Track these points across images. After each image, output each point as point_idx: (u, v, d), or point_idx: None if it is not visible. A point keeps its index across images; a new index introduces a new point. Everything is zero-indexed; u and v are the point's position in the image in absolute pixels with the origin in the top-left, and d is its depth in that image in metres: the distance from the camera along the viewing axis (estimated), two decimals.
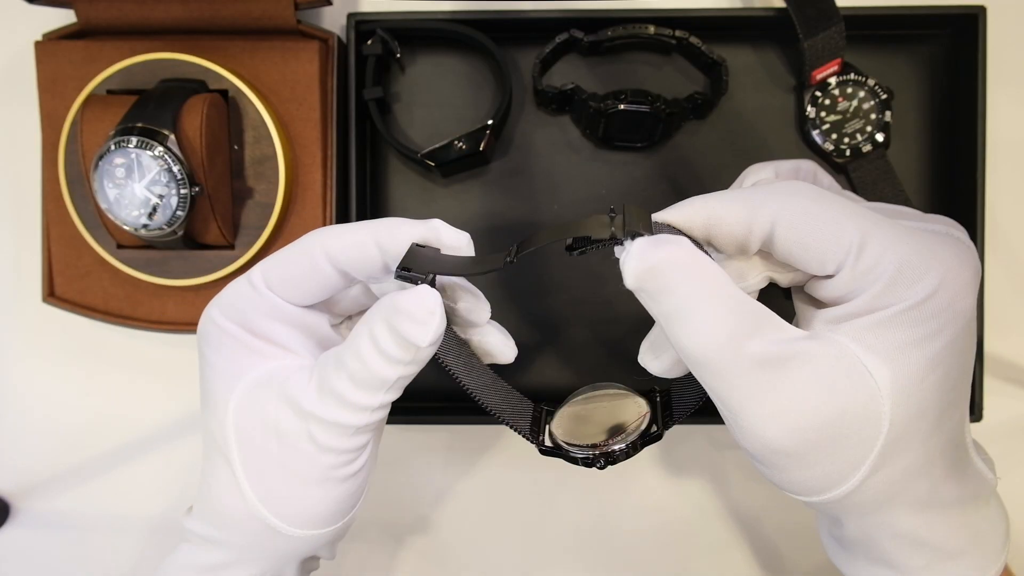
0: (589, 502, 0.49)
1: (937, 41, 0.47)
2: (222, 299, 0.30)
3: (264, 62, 0.45)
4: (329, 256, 0.29)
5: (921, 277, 0.25)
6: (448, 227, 0.30)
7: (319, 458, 0.29)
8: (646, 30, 0.44)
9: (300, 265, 0.30)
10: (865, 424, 0.25)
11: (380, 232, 0.29)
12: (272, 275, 0.30)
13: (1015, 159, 0.48)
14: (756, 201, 0.26)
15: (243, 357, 0.30)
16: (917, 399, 0.25)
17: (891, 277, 0.25)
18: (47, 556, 0.50)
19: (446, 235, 0.29)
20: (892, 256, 0.25)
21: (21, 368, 0.50)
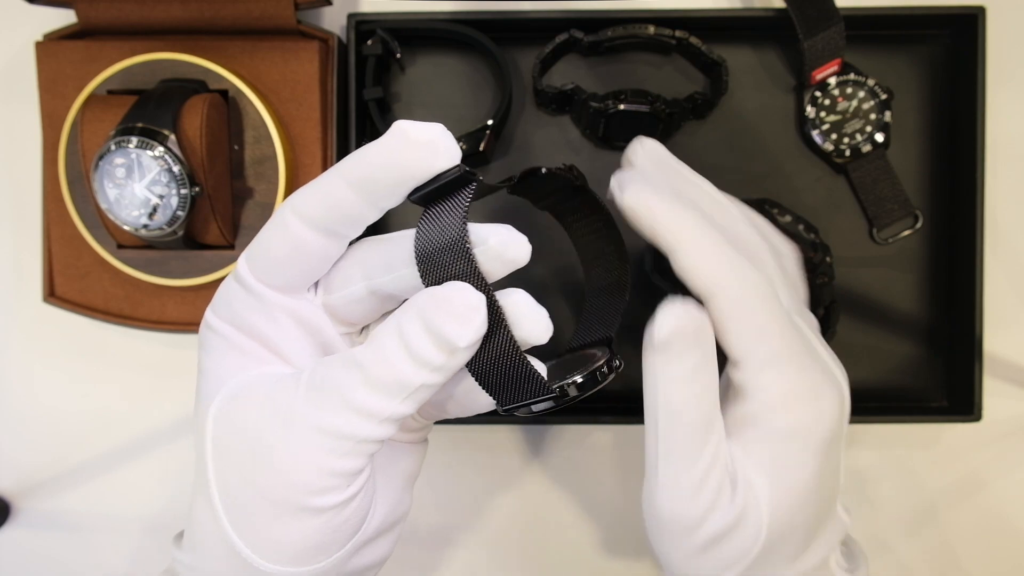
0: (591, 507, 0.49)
1: (937, 41, 0.47)
2: (216, 299, 0.28)
3: (264, 62, 0.45)
4: (302, 216, 0.25)
5: (802, 406, 0.29)
6: (414, 124, 0.26)
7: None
8: (646, 30, 0.44)
9: (279, 240, 0.26)
10: (744, 532, 0.29)
11: (344, 168, 0.25)
12: (256, 262, 0.27)
13: (1015, 159, 0.48)
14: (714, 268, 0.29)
15: (231, 359, 0.26)
16: (792, 511, 0.29)
17: (777, 399, 0.29)
18: (47, 556, 0.50)
19: (414, 133, 0.26)
20: (783, 380, 0.29)
21: (21, 368, 0.50)
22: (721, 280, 0.29)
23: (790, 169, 0.47)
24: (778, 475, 0.29)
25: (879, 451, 0.49)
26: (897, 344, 0.48)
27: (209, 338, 0.27)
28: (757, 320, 0.29)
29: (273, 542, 0.25)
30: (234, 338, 0.27)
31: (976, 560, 0.49)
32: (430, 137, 0.26)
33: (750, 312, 0.29)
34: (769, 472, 0.29)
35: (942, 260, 0.47)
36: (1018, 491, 0.49)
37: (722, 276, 0.29)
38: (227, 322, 0.27)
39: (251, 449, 0.24)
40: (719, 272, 0.29)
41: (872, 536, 0.49)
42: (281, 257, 0.26)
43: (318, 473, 0.24)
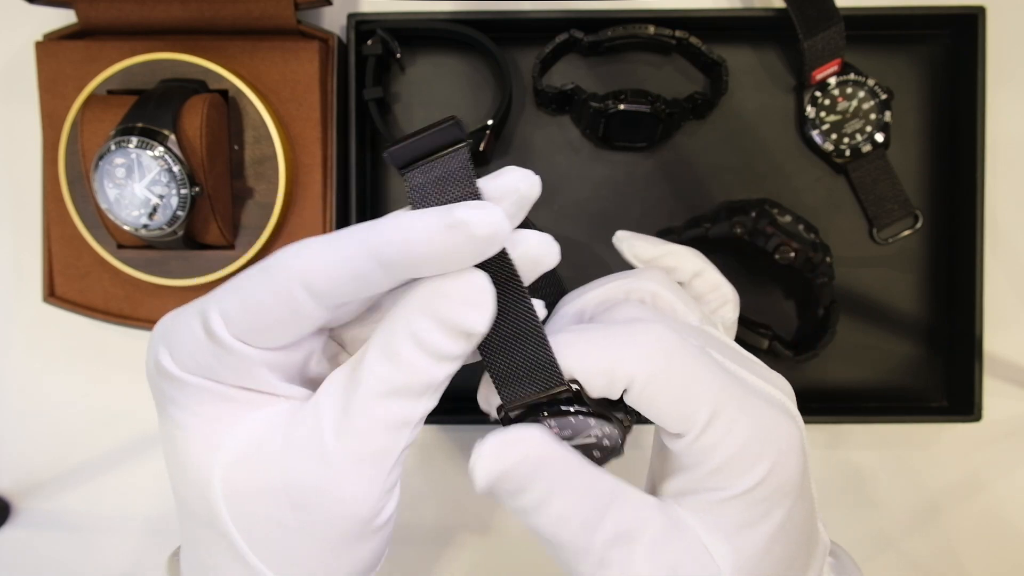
0: None
1: (937, 41, 0.47)
2: (171, 343, 0.24)
3: (264, 62, 0.45)
4: (310, 289, 0.22)
5: (753, 465, 0.26)
6: (478, 214, 0.22)
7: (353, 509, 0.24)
8: (646, 30, 0.44)
9: (272, 306, 0.23)
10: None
11: (377, 246, 0.22)
12: (237, 322, 0.23)
13: (1015, 159, 0.48)
14: (619, 351, 0.25)
15: (217, 411, 0.24)
16: (764, 569, 0.26)
17: (725, 460, 0.25)
18: (47, 556, 0.50)
19: (480, 228, 0.22)
20: (732, 440, 0.25)
21: (21, 368, 0.50)
22: (619, 368, 0.25)
23: (790, 169, 0.47)
24: (743, 538, 0.26)
25: (879, 451, 0.49)
26: (897, 344, 0.48)
27: (177, 392, 0.24)
28: (682, 384, 0.25)
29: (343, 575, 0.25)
30: (212, 388, 0.24)
31: (976, 560, 0.49)
32: (495, 231, 0.22)
33: (670, 385, 0.25)
34: (731, 537, 0.26)
35: (942, 260, 0.47)
36: (1018, 491, 0.49)
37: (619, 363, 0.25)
38: (196, 373, 0.24)
39: (292, 503, 0.23)
40: (623, 361, 0.25)
41: (872, 536, 0.49)
42: (273, 324, 0.23)
43: (376, 497, 0.24)
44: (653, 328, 0.25)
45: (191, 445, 0.24)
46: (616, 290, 0.30)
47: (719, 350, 0.28)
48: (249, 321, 0.23)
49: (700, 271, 0.35)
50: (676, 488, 0.27)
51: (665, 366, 0.25)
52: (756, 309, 0.48)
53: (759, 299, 0.48)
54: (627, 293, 0.30)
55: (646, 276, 0.31)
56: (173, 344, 0.24)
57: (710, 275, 0.35)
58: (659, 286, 0.30)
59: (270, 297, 0.23)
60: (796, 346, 0.46)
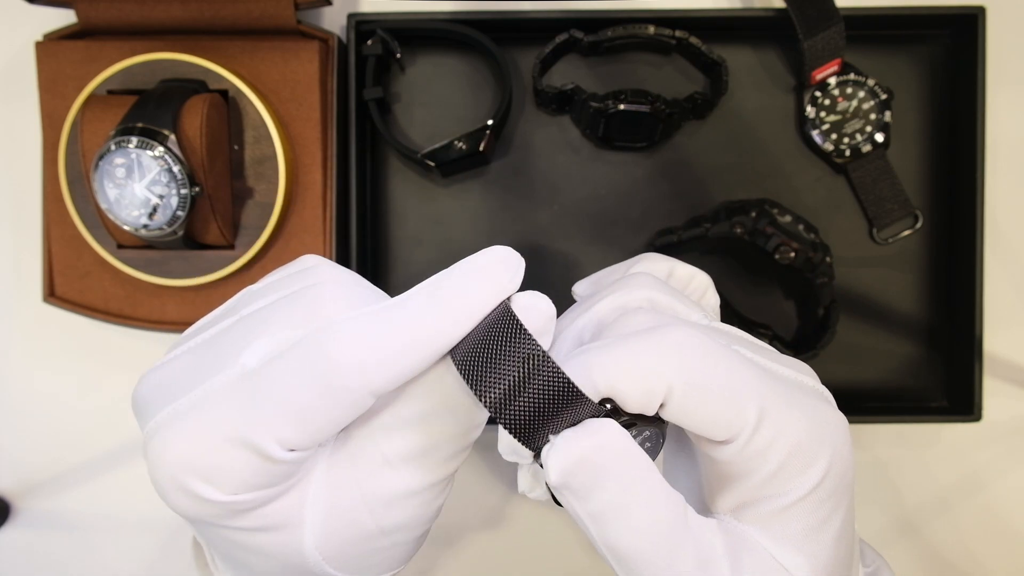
0: None
1: (937, 41, 0.47)
2: (214, 477, 0.21)
3: (264, 62, 0.45)
4: (379, 394, 0.22)
5: (812, 461, 0.24)
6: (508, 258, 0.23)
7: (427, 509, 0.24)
8: (646, 30, 0.44)
9: (334, 415, 0.21)
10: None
11: (440, 342, 0.22)
12: (298, 442, 0.22)
13: (1015, 159, 0.48)
14: (656, 359, 0.23)
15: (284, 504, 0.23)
16: (836, 571, 0.25)
17: (783, 461, 0.23)
18: (47, 556, 0.50)
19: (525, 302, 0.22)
20: (785, 440, 0.23)
21: (21, 368, 0.50)
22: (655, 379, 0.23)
23: (790, 169, 0.47)
24: (814, 543, 0.24)
25: (879, 451, 0.49)
26: (897, 344, 0.48)
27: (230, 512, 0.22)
28: (724, 387, 0.23)
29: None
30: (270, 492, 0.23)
31: (976, 560, 0.49)
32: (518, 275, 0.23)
33: (711, 389, 0.23)
34: (802, 545, 0.24)
35: (942, 260, 0.47)
36: (1018, 491, 0.49)
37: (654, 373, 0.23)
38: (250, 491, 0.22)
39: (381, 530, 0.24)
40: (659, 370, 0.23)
41: (872, 536, 0.49)
42: (333, 425, 0.22)
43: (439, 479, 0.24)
44: (679, 331, 0.24)
45: (273, 538, 0.23)
46: (610, 307, 0.28)
47: (742, 345, 0.26)
48: (313, 437, 0.22)
49: (670, 270, 0.33)
50: (732, 502, 0.25)
51: (702, 369, 0.23)
52: (756, 309, 0.48)
53: (759, 299, 0.48)
54: (623, 307, 0.28)
55: (635, 283, 0.29)
56: (216, 477, 0.21)
57: (680, 269, 0.33)
58: (652, 290, 0.28)
59: (331, 407, 0.21)
60: (796, 346, 0.46)
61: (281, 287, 0.24)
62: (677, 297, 0.29)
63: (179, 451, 0.21)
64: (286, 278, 0.25)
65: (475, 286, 0.22)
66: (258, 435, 0.21)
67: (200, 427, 0.21)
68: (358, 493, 0.23)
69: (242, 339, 0.22)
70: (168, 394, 0.22)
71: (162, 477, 0.21)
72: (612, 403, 0.23)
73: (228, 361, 0.22)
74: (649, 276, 0.29)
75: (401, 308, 0.22)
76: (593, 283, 0.33)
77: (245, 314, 0.23)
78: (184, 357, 0.23)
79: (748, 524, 0.24)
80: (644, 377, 0.23)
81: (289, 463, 0.22)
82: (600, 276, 0.33)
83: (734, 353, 0.24)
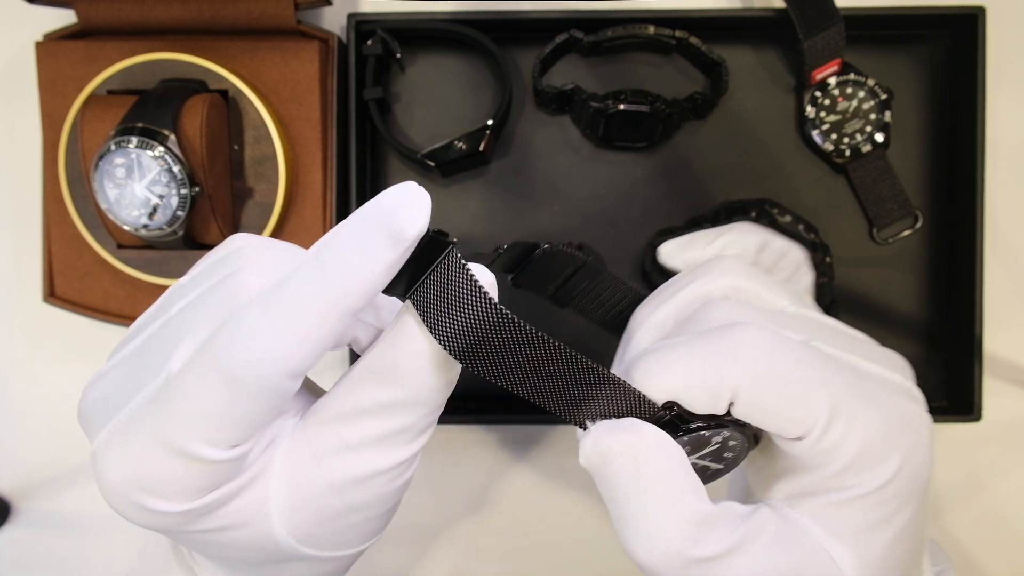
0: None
1: (937, 41, 0.47)
2: (155, 487, 0.21)
3: (264, 62, 0.45)
4: (295, 373, 0.21)
5: (883, 459, 0.23)
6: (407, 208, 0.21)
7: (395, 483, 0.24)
8: (646, 30, 0.44)
9: (255, 408, 0.21)
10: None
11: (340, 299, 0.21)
12: (223, 437, 0.21)
13: (1015, 159, 0.48)
14: (718, 362, 0.23)
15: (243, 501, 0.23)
16: (887, 572, 0.24)
17: (853, 458, 0.23)
18: (47, 556, 0.50)
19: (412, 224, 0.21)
20: (857, 436, 0.23)
21: (21, 368, 0.50)
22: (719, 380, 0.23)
23: (790, 169, 0.47)
24: (867, 539, 0.24)
25: None
26: (897, 344, 0.48)
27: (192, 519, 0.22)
28: (795, 383, 0.23)
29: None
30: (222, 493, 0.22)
31: (976, 560, 0.49)
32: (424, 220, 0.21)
33: (779, 385, 0.23)
34: (854, 539, 0.24)
35: (942, 260, 0.47)
36: (1018, 491, 0.49)
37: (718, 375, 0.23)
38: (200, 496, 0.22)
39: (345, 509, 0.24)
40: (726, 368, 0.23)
41: None
42: (263, 415, 0.22)
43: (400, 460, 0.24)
44: (747, 332, 0.23)
45: (241, 533, 0.23)
46: (692, 296, 0.28)
47: (826, 337, 0.26)
48: (241, 432, 0.21)
49: (762, 243, 0.32)
50: (791, 490, 0.25)
51: (768, 370, 0.23)
52: None
53: None
54: (706, 296, 0.28)
55: (720, 270, 0.28)
56: (162, 489, 0.21)
57: (774, 243, 0.32)
58: (737, 277, 0.28)
59: (259, 406, 0.21)
60: None
61: (205, 278, 0.24)
62: (763, 282, 0.28)
63: (121, 471, 0.21)
64: (209, 268, 0.24)
65: (356, 244, 0.21)
66: (184, 441, 0.21)
67: (134, 443, 0.21)
68: (321, 480, 0.23)
69: (167, 345, 0.22)
70: (105, 410, 0.23)
71: (113, 498, 0.22)
72: (677, 406, 0.23)
73: (155, 370, 0.22)
74: (734, 260, 0.28)
75: (295, 285, 0.21)
76: (681, 247, 0.33)
77: (172, 314, 0.23)
78: (119, 367, 0.23)
79: (803, 513, 0.24)
80: (706, 383, 0.23)
81: (229, 460, 0.22)
82: (687, 242, 0.33)
83: (808, 350, 0.24)
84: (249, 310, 0.21)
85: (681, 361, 0.23)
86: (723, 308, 0.26)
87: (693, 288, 0.28)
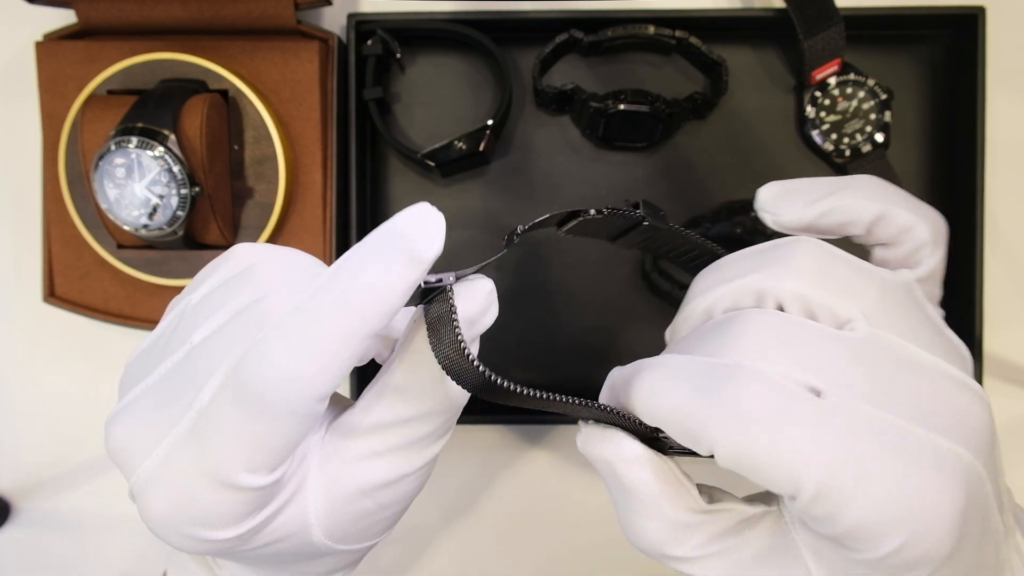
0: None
1: (937, 41, 0.47)
2: (205, 519, 0.22)
3: (264, 62, 0.45)
4: (323, 397, 0.22)
5: (883, 536, 0.21)
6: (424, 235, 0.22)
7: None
8: (646, 30, 0.44)
9: (287, 431, 0.21)
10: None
11: (363, 322, 0.21)
12: (262, 462, 0.22)
13: (1015, 159, 0.48)
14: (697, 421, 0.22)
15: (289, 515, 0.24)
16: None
17: (843, 532, 0.21)
18: (47, 556, 0.50)
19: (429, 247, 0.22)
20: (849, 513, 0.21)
21: (21, 368, 0.50)
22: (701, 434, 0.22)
23: (790, 169, 0.47)
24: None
25: None
26: None
27: (238, 542, 0.23)
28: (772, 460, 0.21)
29: None
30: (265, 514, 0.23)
31: None
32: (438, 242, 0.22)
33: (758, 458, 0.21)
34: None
35: None
36: (1018, 491, 0.49)
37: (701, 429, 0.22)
38: (243, 522, 0.23)
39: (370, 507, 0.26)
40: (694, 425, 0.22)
41: None
42: (288, 446, 0.22)
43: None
44: (743, 388, 0.21)
45: (285, 545, 0.24)
46: (748, 289, 0.24)
47: (879, 376, 0.22)
48: (278, 455, 0.22)
49: (881, 215, 0.27)
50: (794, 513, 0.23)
51: (751, 442, 0.21)
52: None
53: None
54: (760, 295, 0.24)
55: (790, 270, 0.24)
56: (212, 520, 0.22)
57: (897, 219, 0.27)
58: (807, 285, 0.24)
59: (291, 429, 0.21)
60: None
61: (225, 298, 0.24)
62: (837, 290, 0.24)
63: (169, 506, 0.22)
64: (225, 286, 0.24)
65: (376, 267, 0.21)
66: (227, 472, 0.21)
67: (177, 478, 0.22)
68: (354, 486, 0.24)
69: (196, 376, 0.22)
70: (140, 446, 0.23)
71: (165, 534, 0.22)
72: (663, 433, 0.23)
73: (187, 403, 0.22)
74: (814, 256, 0.24)
75: (318, 310, 0.21)
76: (781, 197, 0.28)
77: (196, 343, 0.23)
78: (144, 399, 0.23)
79: (802, 541, 0.23)
80: (688, 429, 0.22)
81: (270, 484, 0.22)
82: (790, 190, 0.28)
83: (813, 412, 0.21)
84: (274, 336, 0.21)
85: (663, 402, 0.22)
86: (749, 337, 0.23)
87: (751, 281, 0.24)
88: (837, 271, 0.24)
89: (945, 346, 0.25)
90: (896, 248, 0.28)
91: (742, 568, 0.24)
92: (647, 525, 0.24)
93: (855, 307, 0.24)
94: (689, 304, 0.26)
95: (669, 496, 0.23)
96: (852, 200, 0.27)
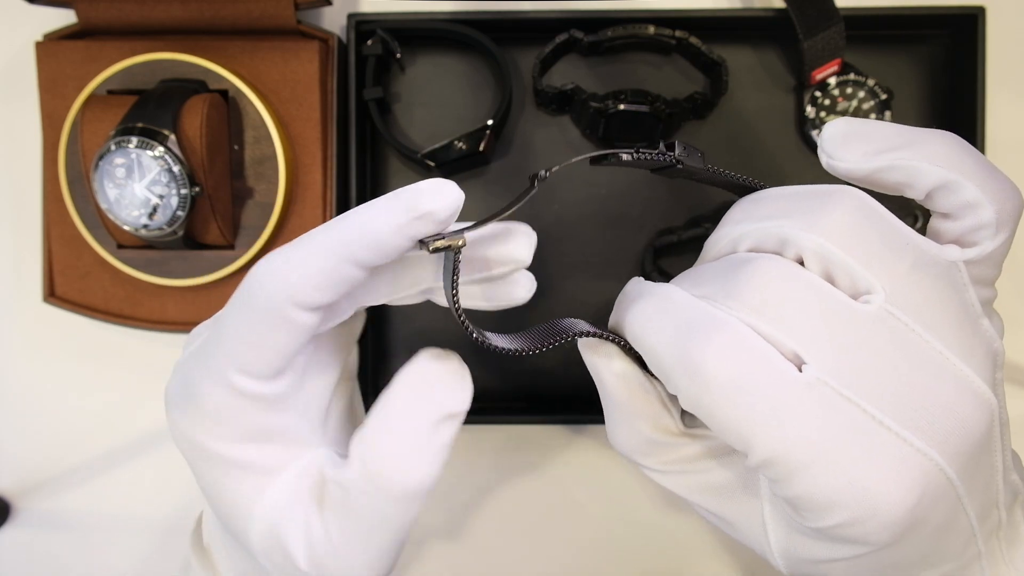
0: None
1: (937, 41, 0.47)
2: (205, 422, 0.25)
3: (264, 62, 0.45)
4: (301, 304, 0.23)
5: (825, 510, 0.21)
6: (429, 189, 0.24)
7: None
8: (646, 30, 0.44)
9: (272, 336, 0.23)
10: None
11: (350, 251, 0.23)
12: (256, 368, 0.24)
13: (1015, 159, 0.48)
14: (677, 366, 0.23)
15: (244, 486, 0.26)
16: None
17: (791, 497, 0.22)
18: (47, 556, 0.50)
19: (429, 202, 0.24)
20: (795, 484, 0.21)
21: (21, 368, 0.50)
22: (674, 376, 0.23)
23: (790, 169, 0.47)
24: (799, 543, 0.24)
25: None
26: None
27: (207, 467, 0.26)
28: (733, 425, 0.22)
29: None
30: (239, 459, 0.25)
31: None
32: (455, 206, 0.25)
33: (718, 418, 0.22)
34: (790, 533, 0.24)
35: None
36: None
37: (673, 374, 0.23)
38: (231, 440, 0.25)
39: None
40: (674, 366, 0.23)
41: None
42: (291, 351, 0.24)
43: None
44: (715, 347, 0.21)
45: (223, 512, 0.26)
46: (773, 234, 0.23)
47: (875, 363, 0.21)
48: (268, 362, 0.24)
49: (943, 183, 0.24)
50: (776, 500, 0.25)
51: (710, 400, 0.21)
52: None
53: None
54: (783, 242, 0.23)
55: (821, 224, 0.23)
56: (210, 420, 0.25)
57: (961, 189, 0.24)
58: (834, 245, 0.22)
59: (261, 325, 0.23)
60: None
61: None
62: (864, 257, 0.23)
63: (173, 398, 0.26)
64: None
65: (375, 209, 0.24)
66: (217, 367, 0.24)
67: (184, 372, 0.25)
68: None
69: None
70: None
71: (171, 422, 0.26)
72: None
73: None
74: (852, 213, 0.23)
75: (314, 229, 0.24)
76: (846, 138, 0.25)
77: None
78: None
79: (765, 484, 0.25)
80: (658, 370, 0.24)
81: (260, 397, 0.24)
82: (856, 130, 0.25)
83: (785, 381, 0.21)
84: (280, 247, 0.24)
85: (652, 338, 0.24)
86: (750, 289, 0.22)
87: (778, 226, 0.23)
88: (870, 236, 0.23)
89: (968, 339, 0.24)
90: (954, 222, 0.25)
91: (706, 492, 0.26)
92: (623, 432, 0.26)
93: (878, 279, 0.22)
94: (720, 230, 0.27)
95: (647, 415, 0.26)
96: (916, 161, 0.24)
